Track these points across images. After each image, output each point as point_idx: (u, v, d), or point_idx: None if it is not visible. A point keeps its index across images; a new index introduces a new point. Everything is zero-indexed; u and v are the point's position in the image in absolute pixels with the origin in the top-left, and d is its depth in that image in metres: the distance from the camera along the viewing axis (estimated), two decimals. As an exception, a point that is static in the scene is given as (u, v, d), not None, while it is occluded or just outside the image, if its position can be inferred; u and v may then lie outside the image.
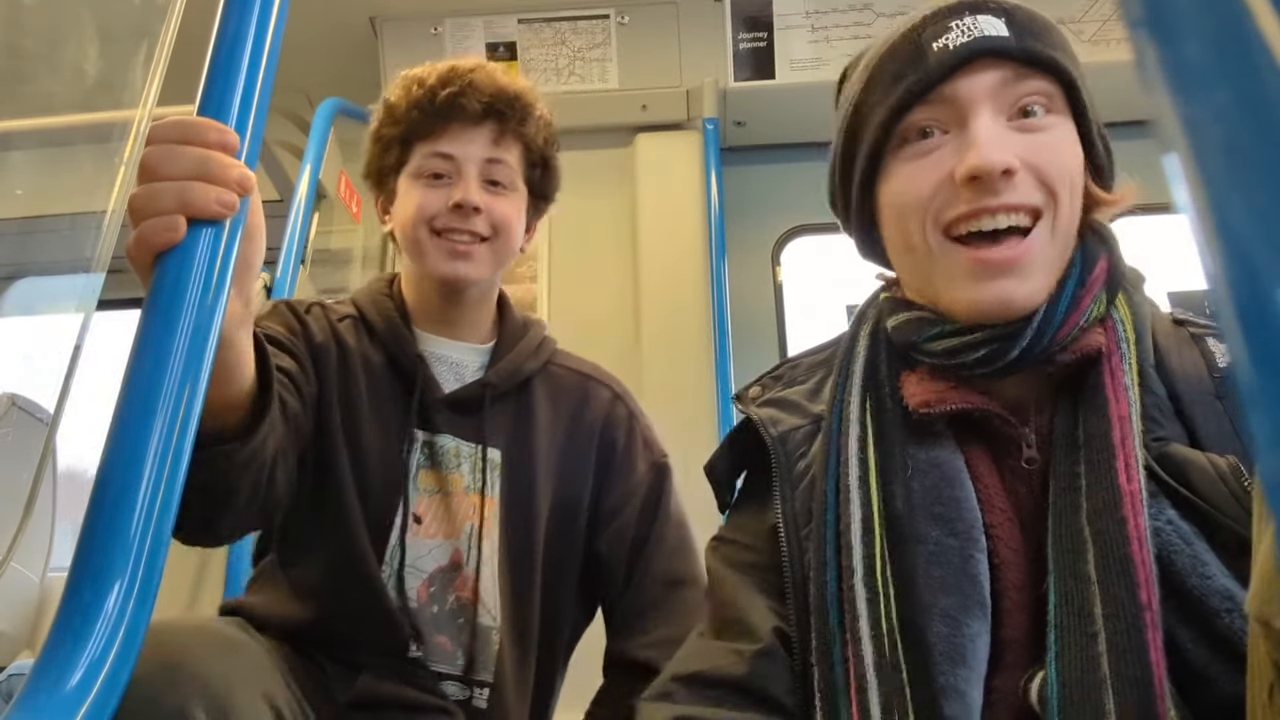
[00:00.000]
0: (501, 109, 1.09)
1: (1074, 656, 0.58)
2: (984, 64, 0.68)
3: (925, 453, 0.69)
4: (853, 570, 0.66)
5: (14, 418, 1.97)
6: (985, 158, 0.64)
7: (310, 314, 1.08)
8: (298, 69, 2.43)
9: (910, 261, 0.72)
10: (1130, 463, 0.62)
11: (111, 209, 1.17)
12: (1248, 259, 0.20)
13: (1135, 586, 0.58)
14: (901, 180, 0.71)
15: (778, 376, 0.85)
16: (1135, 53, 0.25)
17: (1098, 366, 0.67)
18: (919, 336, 0.71)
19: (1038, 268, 0.66)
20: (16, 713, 0.44)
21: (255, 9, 0.62)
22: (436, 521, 1.06)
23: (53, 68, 1.52)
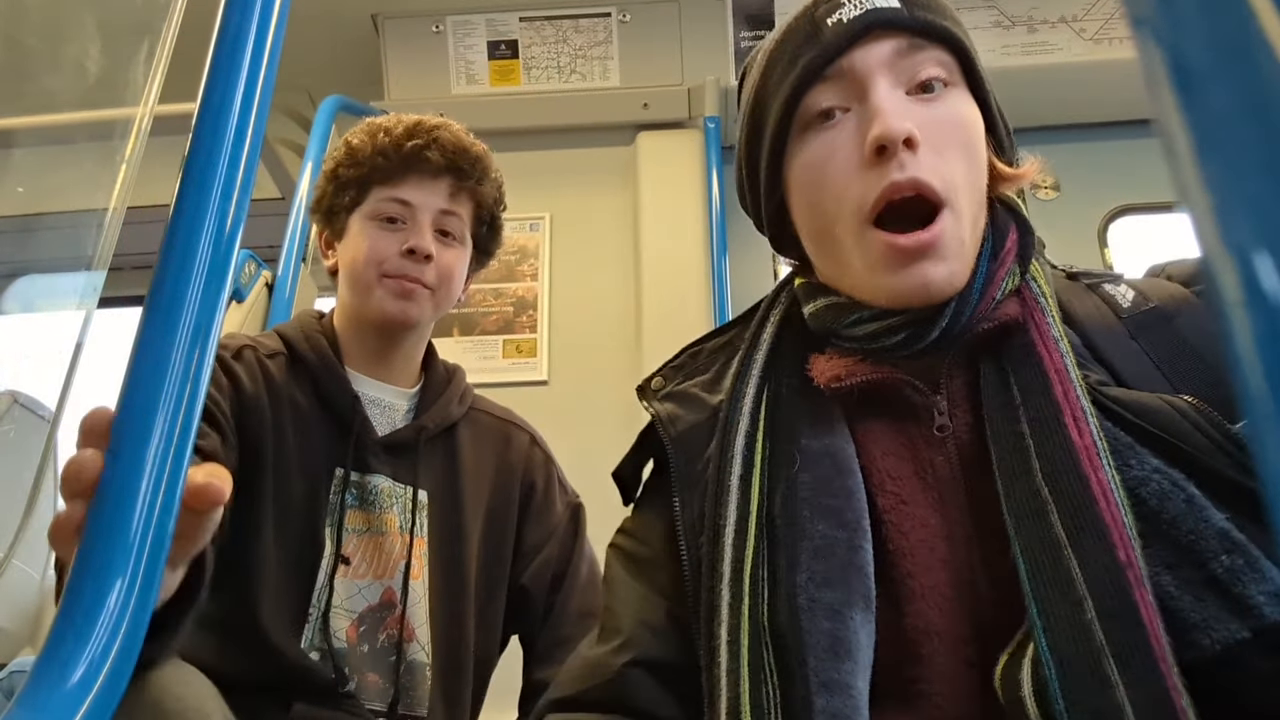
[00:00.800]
0: (462, 166, 1.13)
1: (1065, 629, 0.54)
2: (878, 35, 0.67)
3: (818, 442, 0.67)
4: (721, 575, 0.64)
5: (15, 415, 1.97)
6: (886, 125, 0.63)
7: (241, 360, 1.07)
8: (299, 66, 2.44)
9: (825, 249, 0.71)
10: (1078, 415, 0.59)
11: (113, 207, 1.17)
12: (1249, 259, 0.20)
13: (1112, 546, 0.54)
14: (808, 165, 0.70)
15: (678, 366, 0.82)
16: (1138, 51, 0.25)
17: (1019, 330, 0.66)
18: (838, 323, 0.70)
19: (952, 249, 0.64)
20: (18, 710, 0.44)
21: (257, 6, 0.62)
22: (366, 562, 1.07)
23: (54, 65, 1.52)
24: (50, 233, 2.23)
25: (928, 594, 0.62)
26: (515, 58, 2.39)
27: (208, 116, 0.60)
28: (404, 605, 1.06)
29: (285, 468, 1.04)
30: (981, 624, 0.61)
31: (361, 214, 1.13)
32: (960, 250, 0.65)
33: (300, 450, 1.06)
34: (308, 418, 1.07)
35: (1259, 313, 0.20)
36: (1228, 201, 0.21)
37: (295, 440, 1.06)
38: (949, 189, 0.64)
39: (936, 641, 0.61)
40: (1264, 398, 0.20)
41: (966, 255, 0.66)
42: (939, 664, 0.61)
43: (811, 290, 0.74)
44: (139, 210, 1.13)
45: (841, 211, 0.67)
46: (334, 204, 1.15)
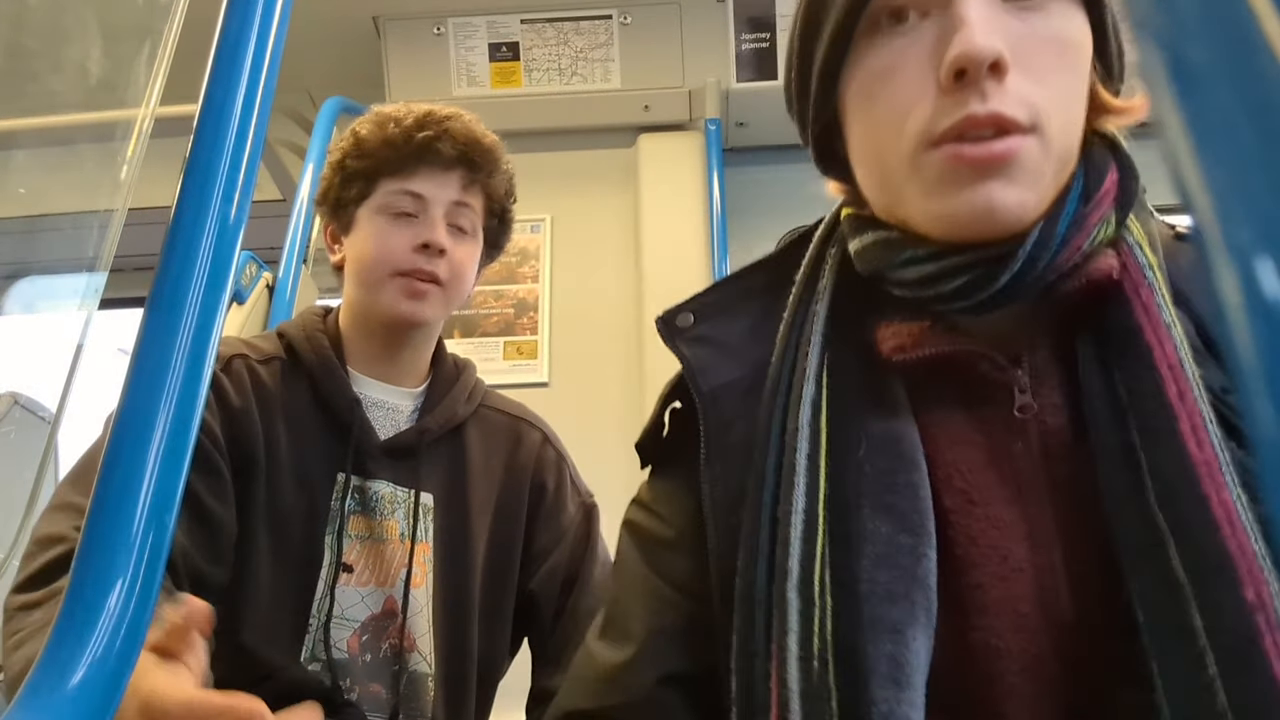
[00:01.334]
0: (474, 158, 1.09)
1: (1183, 690, 0.45)
2: None
3: (881, 424, 0.57)
4: (788, 573, 0.54)
5: (16, 416, 1.97)
6: (971, 43, 0.52)
7: (230, 372, 1.03)
8: (300, 68, 2.44)
9: (879, 174, 0.60)
10: (1198, 424, 0.49)
11: (114, 208, 1.17)
12: (1250, 260, 0.20)
13: (1237, 584, 0.45)
14: (873, 75, 0.58)
15: (714, 304, 0.69)
16: (1139, 53, 0.25)
17: (1124, 303, 0.54)
18: (888, 262, 0.59)
19: (1028, 174, 0.53)
20: (18, 711, 0.44)
21: (258, 8, 0.62)
22: (369, 569, 1.04)
23: (56, 66, 1.52)
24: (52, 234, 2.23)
25: (999, 608, 0.54)
26: (516, 60, 2.39)
27: (209, 118, 0.60)
28: (404, 614, 1.04)
29: (279, 477, 1.01)
30: (1060, 640, 0.53)
31: (370, 207, 1.08)
32: (1038, 180, 0.54)
33: (296, 457, 1.03)
34: (305, 423, 1.04)
35: (1259, 313, 0.20)
36: (1228, 202, 0.21)
37: (290, 448, 1.03)
38: (1039, 114, 0.53)
39: (1008, 661, 0.53)
40: (1265, 398, 0.20)
41: (1044, 188, 0.54)
42: (1008, 683, 0.53)
43: (860, 224, 0.63)
44: (140, 212, 1.13)
45: (902, 134, 0.56)
46: (341, 196, 1.11)
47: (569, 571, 1.13)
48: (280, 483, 1.01)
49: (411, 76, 2.41)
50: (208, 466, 0.97)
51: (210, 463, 0.97)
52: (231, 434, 1.00)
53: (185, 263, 0.56)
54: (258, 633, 0.98)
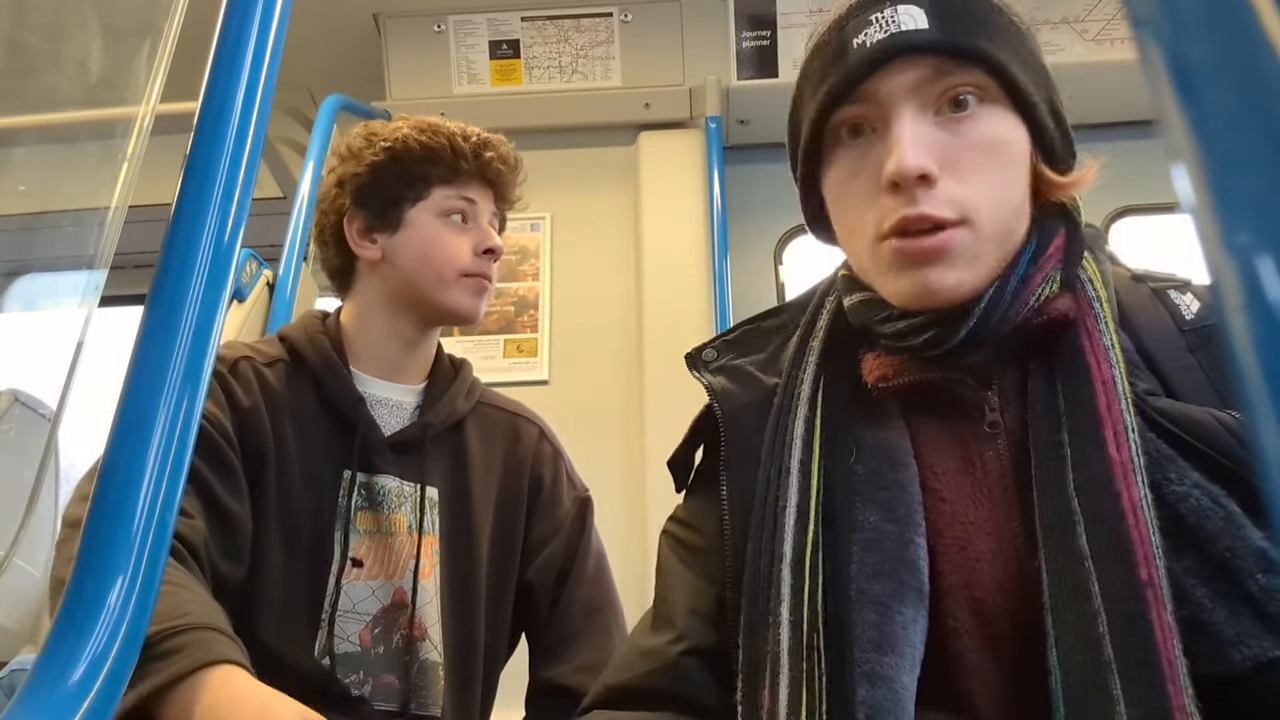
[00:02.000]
0: (512, 179, 1.20)
1: (1075, 641, 0.55)
2: (904, 62, 0.64)
3: (872, 434, 0.68)
4: (782, 556, 0.64)
5: (16, 413, 1.97)
6: (901, 163, 0.62)
7: (237, 374, 1.06)
8: (301, 66, 2.44)
9: (853, 257, 0.72)
10: (1119, 431, 0.59)
11: (114, 205, 1.17)
12: (1250, 261, 0.20)
13: (1134, 564, 0.54)
14: (838, 182, 0.70)
15: (733, 341, 0.81)
16: (1139, 52, 0.25)
17: (1072, 330, 0.65)
18: (871, 318, 0.70)
19: (963, 258, 0.64)
20: (19, 709, 0.44)
21: (259, 5, 0.62)
22: (377, 563, 1.06)
23: (56, 64, 1.52)
24: (52, 231, 2.23)
25: (956, 592, 0.62)
26: (517, 57, 2.39)
27: (209, 115, 0.60)
28: (414, 605, 1.06)
29: (288, 476, 1.04)
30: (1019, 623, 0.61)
31: (427, 209, 1.14)
32: (973, 261, 0.64)
33: (304, 456, 1.05)
34: (311, 422, 1.07)
35: (1260, 314, 0.20)
36: (1229, 202, 0.21)
37: (298, 447, 1.05)
38: (968, 211, 0.63)
39: (964, 639, 0.62)
40: (1264, 399, 0.20)
41: (982, 267, 0.65)
42: (968, 660, 0.61)
43: (851, 284, 0.74)
44: (140, 209, 1.13)
45: (862, 229, 0.68)
46: (391, 194, 1.14)
47: (564, 562, 1.16)
48: (289, 482, 1.04)
49: (412, 74, 2.41)
50: (223, 465, 0.99)
51: (226, 461, 0.99)
52: (242, 434, 1.02)
53: (185, 260, 0.56)
54: (273, 628, 1.00)
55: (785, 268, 2.44)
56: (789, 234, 2.45)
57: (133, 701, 0.72)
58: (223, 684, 0.75)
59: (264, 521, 1.01)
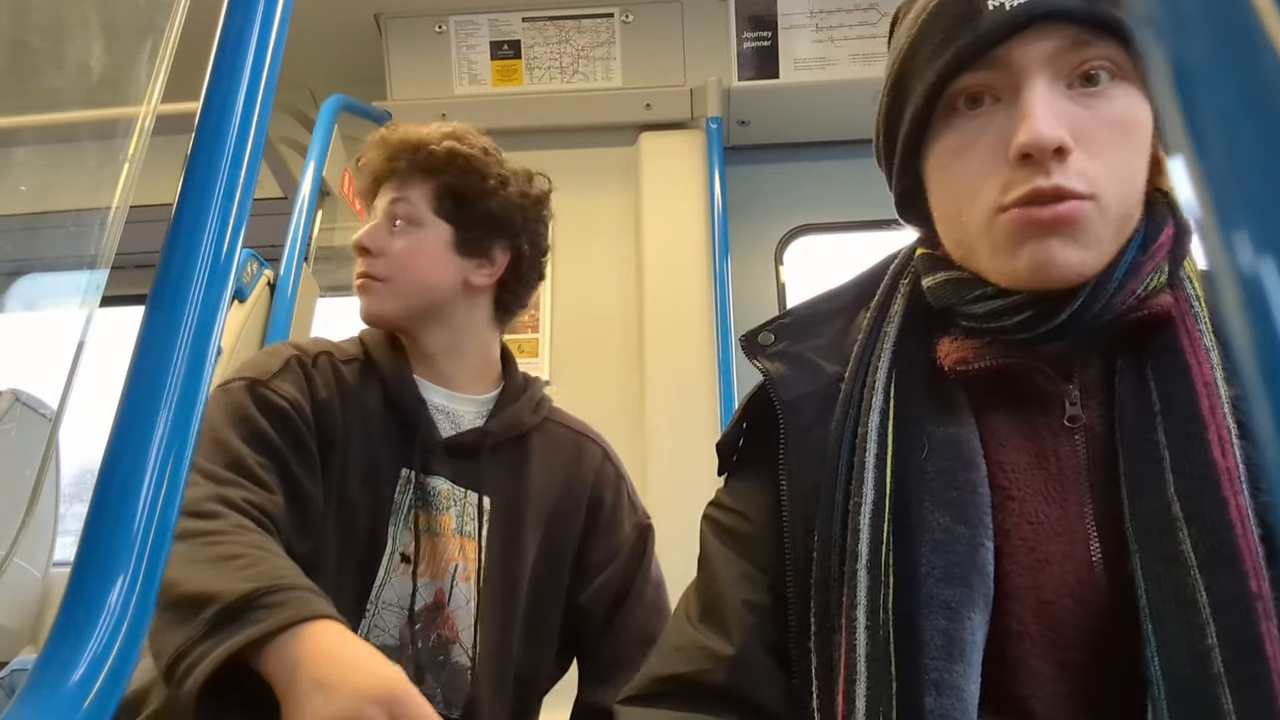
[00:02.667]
0: (403, 156, 1.16)
1: (1182, 650, 0.52)
2: (1043, 28, 0.61)
3: (943, 429, 0.65)
4: (858, 555, 0.62)
5: (17, 413, 1.97)
6: (1037, 133, 0.59)
7: (317, 367, 1.10)
8: (302, 65, 2.44)
9: (956, 233, 0.68)
10: (1224, 435, 0.56)
11: (115, 205, 1.17)
12: (1253, 260, 0.20)
13: (1244, 575, 0.52)
14: (949, 150, 0.66)
15: (790, 325, 0.77)
16: (1141, 51, 0.25)
17: (1169, 325, 0.62)
18: (958, 298, 0.67)
19: (1088, 236, 0.60)
20: (19, 708, 0.44)
21: (260, 5, 0.62)
22: (423, 561, 1.08)
23: (57, 64, 1.52)
24: (53, 231, 2.23)
25: (1022, 594, 0.60)
26: (518, 58, 2.39)
27: (210, 115, 0.60)
28: (454, 607, 1.07)
29: (348, 469, 1.06)
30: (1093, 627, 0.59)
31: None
32: (1097, 242, 0.61)
33: (367, 450, 1.08)
34: (377, 420, 1.10)
35: (1262, 315, 0.20)
36: (1230, 202, 0.21)
37: (362, 441, 1.08)
38: (1098, 186, 0.60)
39: (1027, 644, 0.60)
40: (1264, 399, 0.20)
41: (1103, 249, 0.62)
42: (1029, 666, 0.59)
43: (933, 263, 0.70)
44: (141, 209, 1.13)
45: (976, 203, 0.64)
46: None
47: (621, 585, 1.15)
48: (350, 473, 1.06)
49: (413, 74, 2.41)
50: (301, 445, 1.03)
51: (303, 442, 1.03)
52: (317, 421, 1.05)
53: (186, 260, 0.56)
54: None
55: (786, 268, 2.44)
56: (790, 235, 2.45)
57: (240, 644, 0.74)
58: (327, 636, 0.77)
59: (326, 507, 1.04)
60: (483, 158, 1.18)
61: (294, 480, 1.00)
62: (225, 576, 0.79)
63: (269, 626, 0.75)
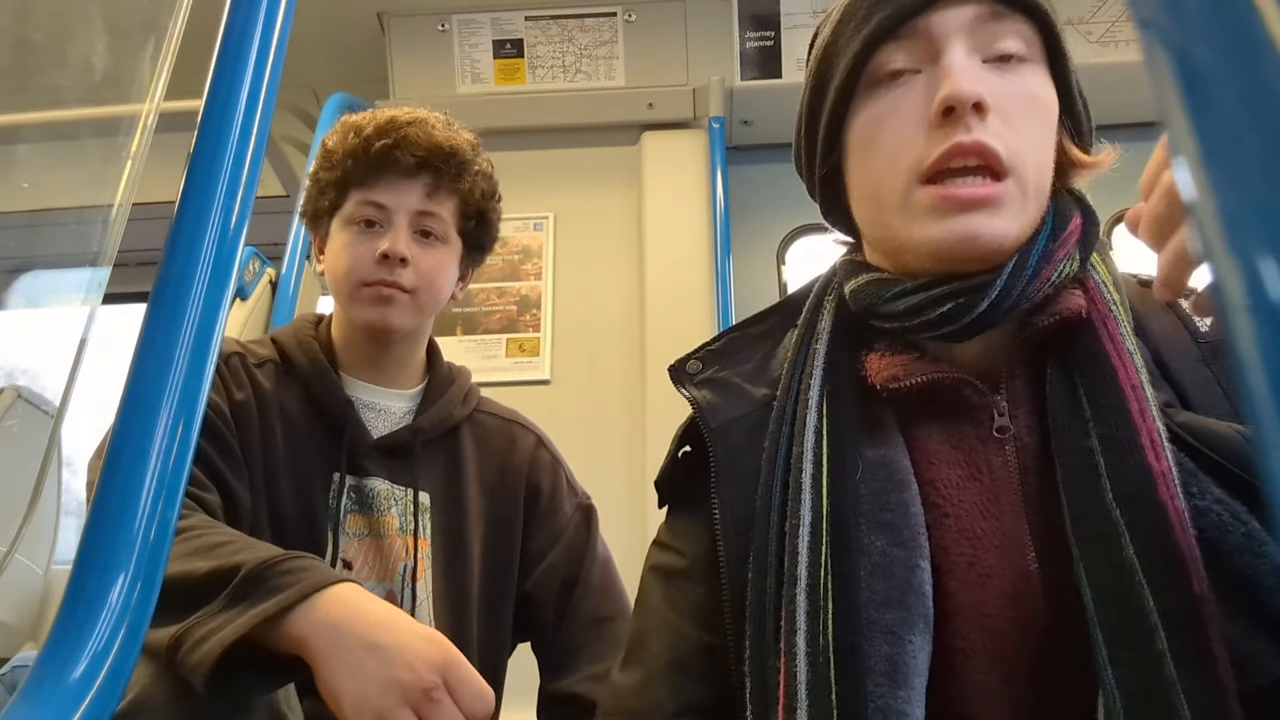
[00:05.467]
0: (435, 164, 1.09)
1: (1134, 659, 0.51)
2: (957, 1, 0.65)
3: (874, 451, 0.64)
4: (796, 579, 0.60)
5: (19, 410, 1.97)
6: (956, 86, 0.61)
7: (230, 368, 1.05)
8: (304, 64, 2.44)
9: (875, 211, 0.68)
10: (1155, 439, 0.56)
11: (118, 203, 1.17)
12: (1254, 263, 0.20)
13: (1188, 578, 0.51)
14: (871, 121, 0.67)
15: (717, 351, 0.77)
16: (1144, 54, 0.25)
17: (1091, 330, 0.62)
18: (879, 298, 0.67)
19: (1008, 209, 0.61)
20: (20, 704, 0.44)
21: (263, 3, 0.62)
22: (368, 565, 1.06)
23: (60, 61, 1.52)
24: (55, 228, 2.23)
25: (965, 612, 0.60)
26: (520, 57, 2.39)
27: (213, 113, 0.60)
28: (409, 607, 1.05)
29: (276, 475, 1.03)
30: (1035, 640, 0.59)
31: (340, 218, 1.10)
32: (1019, 214, 0.62)
33: (292, 457, 1.04)
34: (299, 424, 1.06)
35: (1262, 314, 0.20)
36: (1233, 205, 0.21)
37: (286, 447, 1.04)
38: (1015, 158, 0.62)
39: (972, 660, 0.59)
40: (1266, 399, 0.20)
41: (1023, 222, 0.62)
42: (975, 682, 0.59)
43: (855, 267, 0.71)
44: (144, 207, 1.13)
45: (896, 169, 0.65)
46: (316, 207, 1.13)
47: (568, 572, 1.14)
48: (277, 482, 1.03)
49: (415, 73, 2.41)
50: (227, 449, 1.00)
51: (228, 445, 1.00)
52: (236, 423, 1.02)
53: (189, 258, 0.56)
54: None
55: (788, 268, 2.44)
56: (792, 234, 2.45)
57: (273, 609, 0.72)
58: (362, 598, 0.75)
59: (258, 513, 1.01)
60: (491, 173, 1.16)
61: (225, 484, 0.97)
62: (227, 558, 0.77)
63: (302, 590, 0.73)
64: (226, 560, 0.77)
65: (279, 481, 1.03)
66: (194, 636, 0.72)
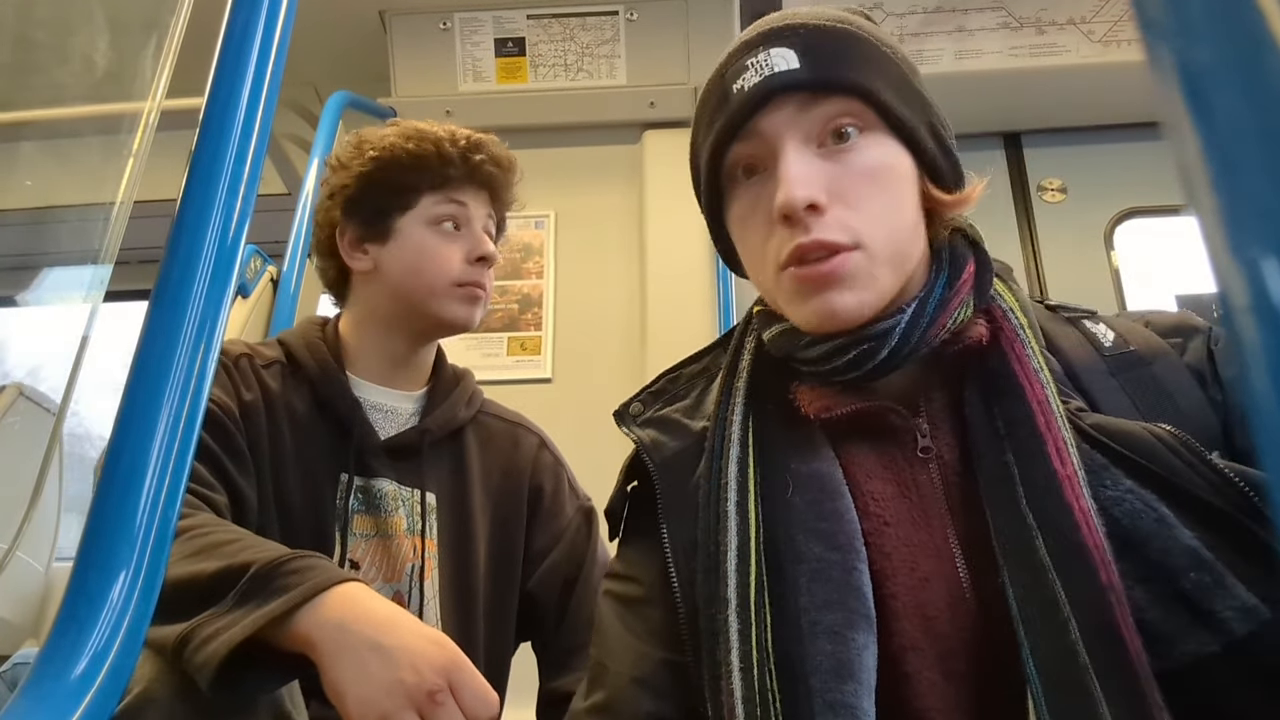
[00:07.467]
0: (506, 180, 1.19)
1: (1051, 649, 0.57)
2: (780, 100, 0.69)
3: (806, 466, 0.69)
4: (726, 601, 0.65)
5: (21, 407, 1.98)
6: (789, 195, 0.65)
7: (239, 369, 1.07)
8: (306, 62, 2.44)
9: (762, 289, 0.75)
10: (1060, 446, 0.62)
11: (120, 201, 1.18)
12: (1256, 263, 0.20)
13: (1094, 570, 0.57)
14: (738, 219, 0.73)
15: (657, 391, 0.83)
16: (1147, 54, 0.25)
17: (1000, 354, 0.68)
18: (794, 346, 0.72)
19: (860, 280, 0.66)
20: (21, 702, 0.44)
21: (265, 1, 0.62)
22: (375, 565, 1.06)
23: (62, 59, 1.53)
24: (58, 226, 2.24)
25: (909, 613, 0.64)
26: (522, 55, 2.39)
27: (215, 112, 0.60)
28: (416, 607, 1.06)
29: (285, 476, 1.04)
30: (969, 638, 0.63)
31: (416, 219, 1.13)
32: (871, 283, 0.67)
33: (300, 457, 1.05)
34: (306, 425, 1.07)
35: (1265, 315, 0.20)
36: (1235, 204, 0.21)
37: (294, 448, 1.05)
38: (860, 234, 0.66)
39: (919, 658, 0.63)
40: (1270, 401, 0.20)
41: (881, 288, 0.67)
42: (924, 678, 0.63)
43: (768, 318, 0.76)
44: (146, 205, 1.13)
45: (764, 262, 0.70)
46: (379, 204, 1.14)
47: (569, 572, 1.15)
48: (285, 482, 1.04)
49: (417, 71, 2.41)
50: (234, 448, 1.00)
51: (236, 445, 1.00)
52: (245, 424, 1.03)
53: (190, 256, 0.56)
54: None
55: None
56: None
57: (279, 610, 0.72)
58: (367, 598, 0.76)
59: (265, 513, 1.02)
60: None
61: (233, 483, 0.98)
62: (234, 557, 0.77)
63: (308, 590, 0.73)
64: (234, 559, 0.77)
65: (287, 482, 1.04)
66: (200, 635, 0.72)
